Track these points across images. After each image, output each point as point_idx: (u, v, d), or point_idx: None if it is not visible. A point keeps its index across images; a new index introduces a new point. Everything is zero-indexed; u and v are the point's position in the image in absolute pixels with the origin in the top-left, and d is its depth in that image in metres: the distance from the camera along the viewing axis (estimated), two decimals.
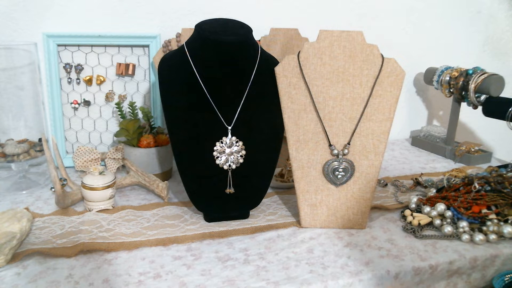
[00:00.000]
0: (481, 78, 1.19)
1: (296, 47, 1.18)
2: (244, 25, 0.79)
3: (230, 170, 0.80)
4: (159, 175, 1.03)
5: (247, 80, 0.80)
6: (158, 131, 1.07)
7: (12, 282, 0.63)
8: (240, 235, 0.79)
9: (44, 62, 1.06)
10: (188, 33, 1.08)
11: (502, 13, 1.58)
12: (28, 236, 0.75)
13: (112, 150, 1.08)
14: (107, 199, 0.86)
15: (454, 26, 1.54)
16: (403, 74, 0.77)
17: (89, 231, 0.77)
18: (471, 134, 1.64)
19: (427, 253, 0.74)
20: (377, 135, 0.79)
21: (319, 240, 0.78)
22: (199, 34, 0.77)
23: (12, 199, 0.92)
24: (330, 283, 0.65)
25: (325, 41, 0.76)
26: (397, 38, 1.45)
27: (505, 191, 0.84)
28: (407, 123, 1.58)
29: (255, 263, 0.70)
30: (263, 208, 0.90)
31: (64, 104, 1.11)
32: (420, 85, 1.55)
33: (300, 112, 0.79)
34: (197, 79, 0.77)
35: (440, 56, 1.46)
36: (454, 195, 0.87)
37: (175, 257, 0.71)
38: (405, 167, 1.22)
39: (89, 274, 0.65)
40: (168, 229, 0.80)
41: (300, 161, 0.80)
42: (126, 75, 1.15)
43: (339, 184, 0.80)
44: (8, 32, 1.06)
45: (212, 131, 0.79)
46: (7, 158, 0.96)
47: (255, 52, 0.81)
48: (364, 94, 0.78)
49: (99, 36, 1.08)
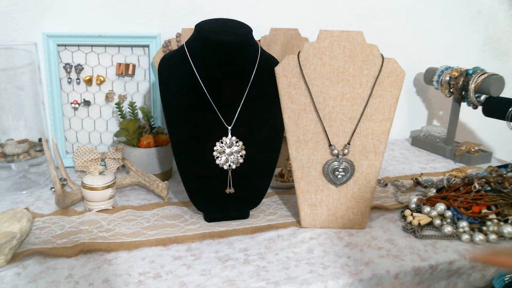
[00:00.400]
0: (481, 78, 1.19)
1: (296, 47, 1.18)
2: (244, 25, 0.79)
3: (230, 170, 0.80)
4: (159, 175, 1.03)
5: (247, 80, 0.80)
6: (158, 131, 1.07)
7: (12, 282, 0.63)
8: (240, 235, 0.79)
9: (44, 62, 1.06)
10: (188, 33, 1.08)
11: (502, 13, 1.58)
12: (28, 236, 0.75)
13: (112, 150, 1.08)
14: (107, 199, 0.86)
15: (454, 26, 1.53)
16: (403, 74, 0.77)
17: (89, 231, 0.77)
18: (471, 134, 1.64)
19: (427, 253, 0.74)
20: (377, 135, 0.79)
21: (319, 240, 0.78)
22: (199, 34, 0.77)
23: (12, 199, 0.92)
24: (330, 283, 0.65)
25: (325, 41, 0.76)
26: (397, 38, 1.45)
27: (505, 191, 0.84)
28: (407, 123, 1.58)
29: (255, 263, 0.70)
30: (263, 208, 0.90)
31: (64, 104, 1.11)
32: (420, 85, 1.55)
33: (300, 112, 0.79)
34: (197, 79, 0.77)
35: (440, 56, 1.46)
36: (454, 195, 0.87)
37: (175, 257, 0.71)
38: (405, 167, 1.22)
39: (89, 274, 0.65)
40: (168, 229, 0.80)
41: (300, 161, 0.80)
42: (126, 75, 1.15)
43: (339, 184, 0.80)
44: (8, 32, 1.06)
45: (212, 131, 0.79)
46: (7, 158, 0.96)
47: (255, 52, 0.81)
48: (364, 94, 0.78)
49: (99, 36, 1.08)
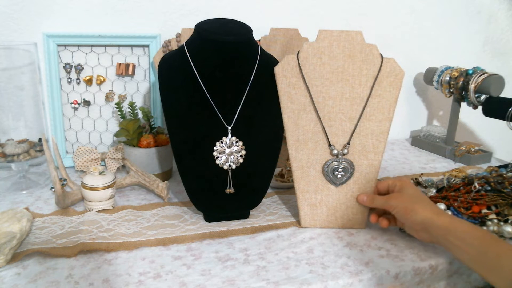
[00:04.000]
0: (481, 78, 1.19)
1: (296, 47, 1.18)
2: (244, 25, 0.80)
3: (230, 170, 0.80)
4: (159, 175, 1.03)
5: (247, 80, 0.80)
6: (158, 131, 1.07)
7: (12, 282, 0.63)
8: (240, 235, 0.79)
9: (44, 62, 1.06)
10: (188, 33, 1.08)
11: (502, 13, 1.58)
12: (28, 236, 0.75)
13: (112, 150, 1.08)
14: (107, 199, 0.86)
15: (454, 26, 1.54)
16: (402, 73, 0.77)
17: (89, 231, 0.77)
18: (471, 134, 1.64)
19: (427, 253, 0.74)
20: (376, 135, 0.79)
21: (319, 240, 0.78)
22: (199, 34, 0.77)
23: (12, 199, 0.92)
24: (330, 283, 0.65)
25: (325, 41, 0.76)
26: (397, 38, 1.45)
27: (505, 191, 0.84)
28: (407, 123, 1.58)
29: (255, 263, 0.70)
30: (263, 208, 0.90)
31: (64, 104, 1.11)
32: (420, 85, 1.55)
33: (300, 112, 0.79)
34: (197, 79, 0.77)
35: (440, 56, 1.46)
36: (454, 195, 0.87)
37: (175, 257, 0.71)
38: (405, 167, 1.22)
39: (89, 274, 0.65)
40: (168, 229, 0.80)
41: (299, 161, 0.80)
42: (126, 75, 1.15)
43: (339, 184, 0.80)
44: (8, 32, 1.06)
45: (212, 131, 0.79)
46: (7, 158, 0.96)
47: (255, 52, 0.81)
48: (364, 94, 0.78)
49: (99, 36, 1.08)
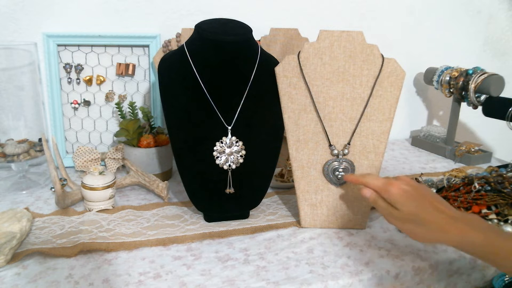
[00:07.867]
0: (481, 78, 1.19)
1: (296, 47, 1.18)
2: (244, 25, 0.79)
3: (230, 170, 0.80)
4: (159, 175, 1.03)
5: (247, 80, 0.80)
6: (158, 131, 1.07)
7: (12, 282, 0.63)
8: (240, 235, 0.79)
9: (44, 62, 1.06)
10: (188, 33, 1.08)
11: (502, 13, 1.58)
12: (28, 236, 0.75)
13: (112, 150, 1.08)
14: (107, 199, 0.86)
15: (454, 26, 1.53)
16: (403, 74, 0.77)
17: (89, 231, 0.77)
18: (471, 134, 1.64)
19: (427, 253, 0.74)
20: (377, 135, 0.79)
21: (319, 240, 0.78)
22: (199, 34, 0.77)
23: (12, 199, 0.92)
24: (330, 283, 0.65)
25: (325, 41, 0.76)
26: (397, 38, 1.45)
27: (505, 191, 0.84)
28: (407, 123, 1.58)
29: (255, 263, 0.70)
30: (263, 208, 0.90)
31: (64, 104, 1.11)
32: (420, 85, 1.55)
33: (300, 112, 0.79)
34: (197, 79, 0.77)
35: (440, 56, 1.46)
36: (454, 195, 0.87)
37: (175, 257, 0.71)
38: (405, 167, 1.22)
39: (89, 274, 0.65)
40: (168, 229, 0.80)
41: (300, 161, 0.80)
42: (126, 75, 1.15)
43: (339, 184, 0.80)
44: (8, 32, 1.06)
45: (212, 131, 0.79)
46: (7, 158, 0.96)
47: (255, 52, 0.81)
48: (364, 94, 0.78)
49: (99, 36, 1.08)
